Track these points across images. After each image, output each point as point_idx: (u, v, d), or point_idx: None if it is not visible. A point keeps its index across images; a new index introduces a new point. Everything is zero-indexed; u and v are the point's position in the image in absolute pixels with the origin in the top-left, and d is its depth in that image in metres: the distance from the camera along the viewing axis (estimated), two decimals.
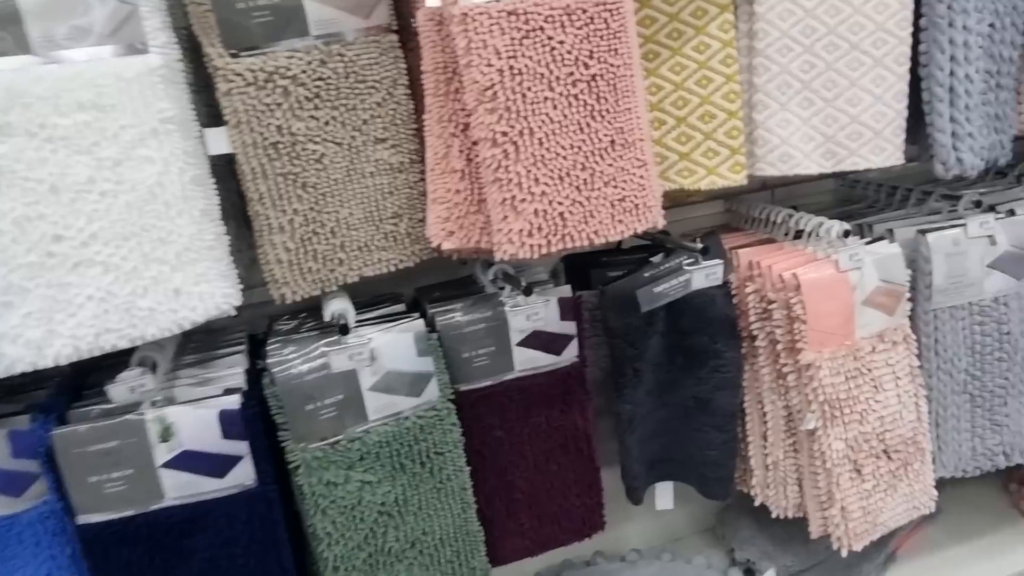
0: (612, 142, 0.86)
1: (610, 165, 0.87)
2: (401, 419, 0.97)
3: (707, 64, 1.06)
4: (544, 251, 0.85)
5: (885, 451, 1.12)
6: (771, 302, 1.11)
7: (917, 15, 1.04)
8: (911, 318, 1.16)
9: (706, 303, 1.14)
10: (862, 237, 1.20)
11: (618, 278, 1.12)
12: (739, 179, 1.08)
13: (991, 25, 1.09)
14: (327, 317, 0.93)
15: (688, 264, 1.05)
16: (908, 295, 1.14)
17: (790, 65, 1.04)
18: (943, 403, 1.18)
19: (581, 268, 1.26)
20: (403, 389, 0.97)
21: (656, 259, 1.12)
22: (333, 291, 0.96)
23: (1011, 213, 1.22)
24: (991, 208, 1.22)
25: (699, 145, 1.08)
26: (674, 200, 1.19)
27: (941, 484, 1.20)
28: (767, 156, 1.06)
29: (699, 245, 1.03)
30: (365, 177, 0.93)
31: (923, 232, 1.14)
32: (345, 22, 0.89)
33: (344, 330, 0.88)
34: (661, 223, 0.92)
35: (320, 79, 0.88)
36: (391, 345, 0.96)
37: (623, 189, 0.87)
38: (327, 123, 0.89)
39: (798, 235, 1.17)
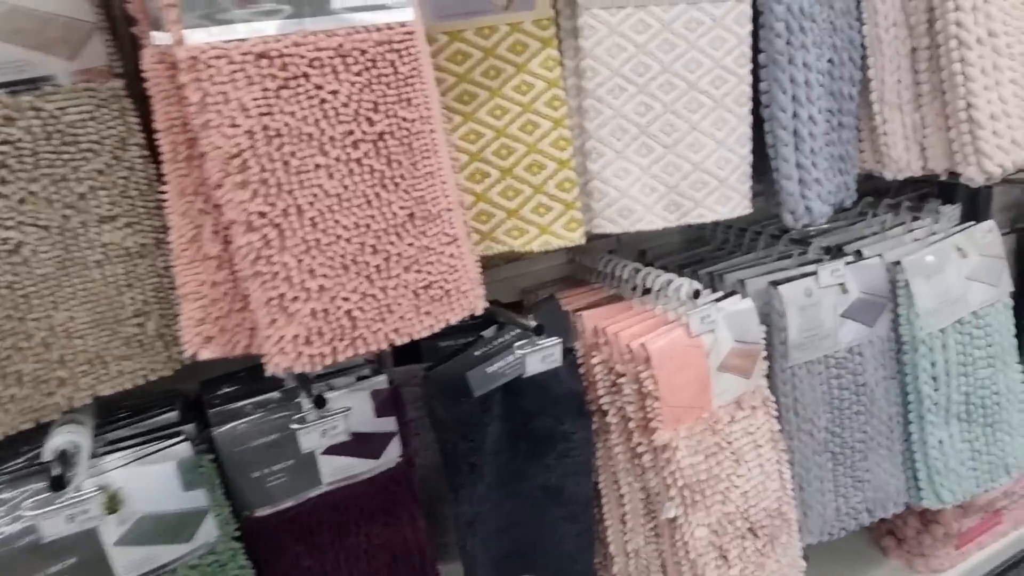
0: (411, 216, 0.69)
1: (410, 245, 0.69)
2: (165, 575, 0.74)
3: (531, 107, 0.90)
4: (329, 360, 0.65)
5: (751, 529, 1.01)
6: (620, 375, 0.97)
7: (756, 51, 0.94)
8: (768, 377, 1.06)
9: (549, 379, 0.98)
10: (713, 290, 1.10)
11: (451, 352, 0.94)
12: (576, 238, 0.94)
13: (830, 61, 1.00)
14: (45, 456, 0.69)
15: (520, 345, 0.89)
16: (764, 353, 1.03)
17: (624, 107, 0.90)
18: (806, 465, 1.09)
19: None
20: (165, 536, 0.74)
21: (488, 333, 0.96)
22: (59, 419, 0.71)
23: (859, 255, 1.16)
24: (839, 250, 1.15)
25: (528, 200, 0.93)
26: (510, 257, 1.03)
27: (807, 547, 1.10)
28: (605, 211, 0.92)
29: (532, 323, 0.87)
30: (89, 268, 0.69)
31: (775, 284, 1.04)
32: (42, 65, 0.66)
33: (58, 483, 0.65)
34: (481, 307, 0.75)
35: (6, 143, 0.64)
36: (143, 483, 0.73)
37: (429, 273, 0.70)
38: (22, 201, 0.65)
39: (647, 291, 1.04)
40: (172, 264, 0.71)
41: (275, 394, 0.86)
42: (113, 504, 0.70)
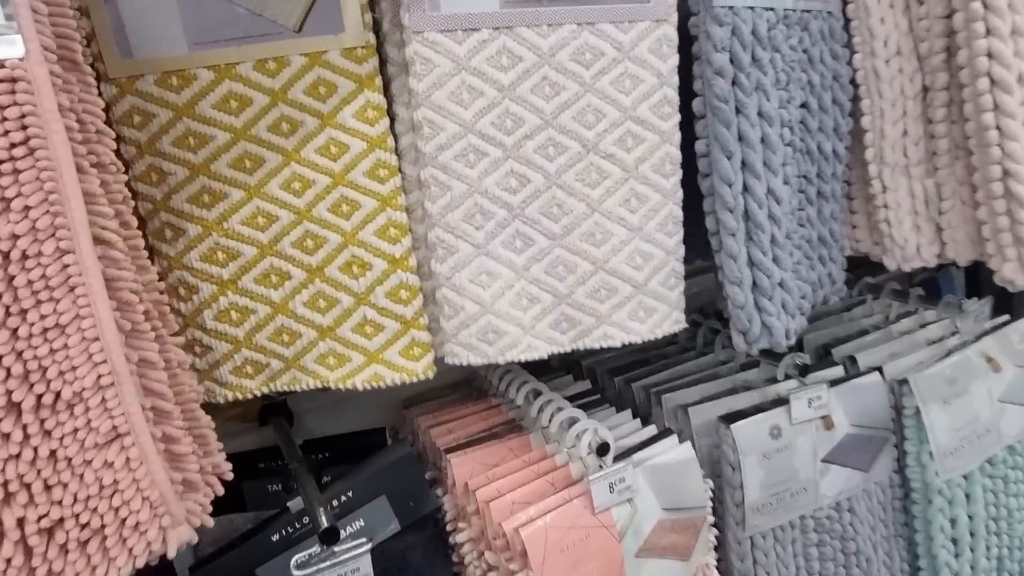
0: (9, 404, 0.38)
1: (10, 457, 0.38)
2: None
3: (346, 178, 0.60)
4: None
5: None
6: (490, 567, 0.66)
7: (688, 95, 0.63)
8: (718, 550, 0.74)
9: (397, 559, 0.67)
10: (648, 415, 0.78)
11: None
12: (420, 369, 0.63)
13: (804, 106, 0.69)
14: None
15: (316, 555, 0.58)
16: (711, 520, 0.72)
17: (484, 181, 0.60)
18: None
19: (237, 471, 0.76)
20: None
21: (294, 504, 0.65)
22: None
23: (851, 366, 0.84)
24: (825, 356, 0.83)
25: (349, 314, 0.62)
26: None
27: None
28: (461, 332, 0.62)
29: (324, 521, 0.56)
30: None
31: (727, 420, 0.73)
32: None
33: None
34: (174, 549, 0.44)
35: None
36: None
37: (51, 506, 0.39)
38: None
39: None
40: None
41: None
42: None
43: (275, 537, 0.63)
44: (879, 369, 0.82)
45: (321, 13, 0.57)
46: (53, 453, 0.39)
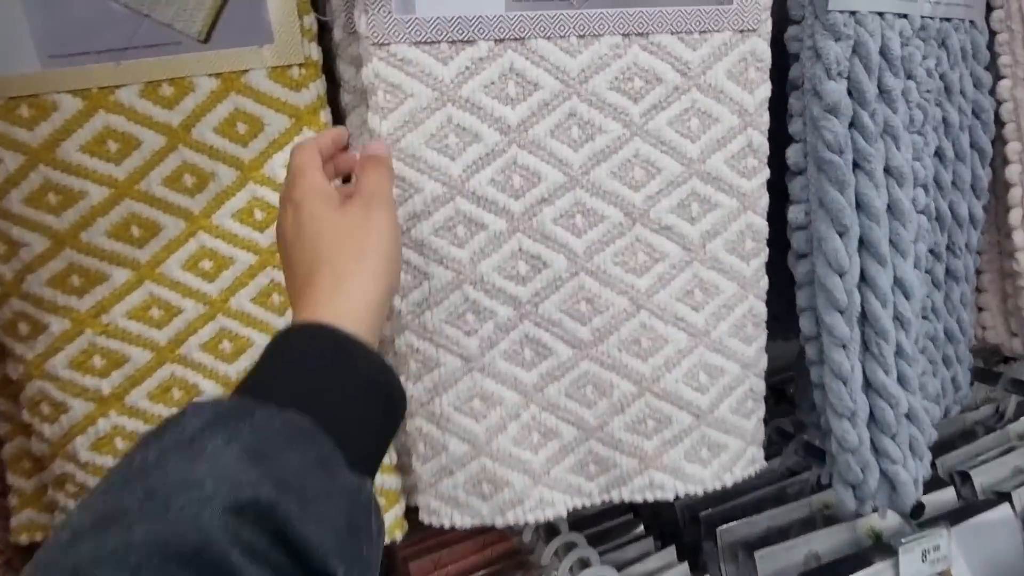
0: None
1: None
2: None
3: (278, 257, 0.41)
4: None
5: None
6: None
7: (780, 140, 0.43)
8: None
9: None
10: (692, 560, 0.58)
11: None
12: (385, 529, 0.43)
13: (936, 153, 0.49)
14: None
15: None
16: None
17: (480, 266, 0.40)
18: None
19: None
20: None
21: None
22: None
23: (963, 480, 0.63)
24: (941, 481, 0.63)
25: None
26: None
27: None
28: (443, 481, 0.43)
29: None
30: None
31: None
32: None
33: None
34: None
35: None
36: None
37: None
38: None
39: None
40: None
41: None
42: None
43: None
44: (1007, 497, 0.62)
45: (238, 14, 0.38)
46: None
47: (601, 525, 0.58)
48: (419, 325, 0.41)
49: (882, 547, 0.56)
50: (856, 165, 0.42)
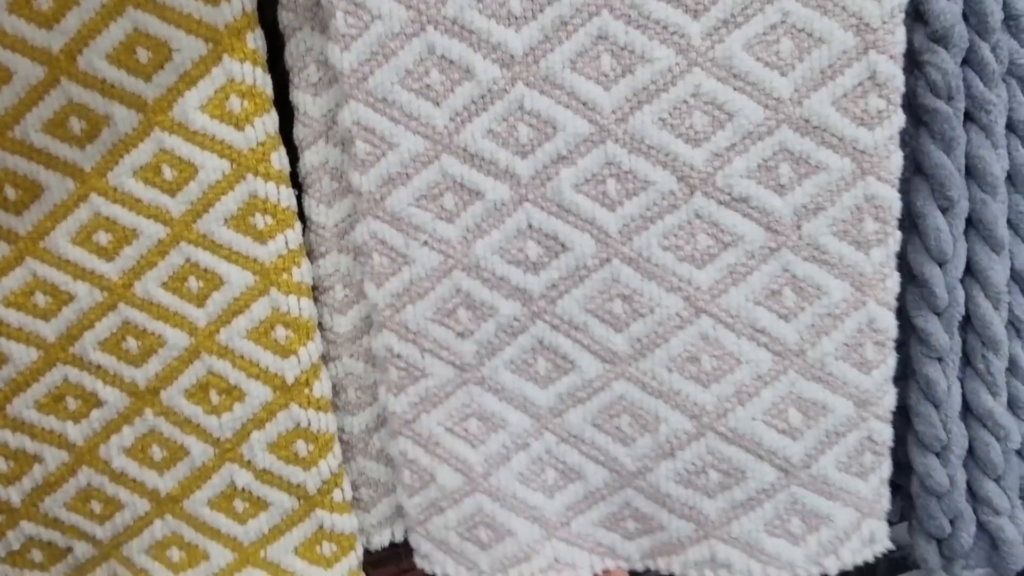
0: None
1: None
2: None
3: (192, 228, 0.31)
4: None
5: None
6: None
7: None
8: None
9: None
10: None
11: None
12: None
13: None
14: None
15: None
16: None
17: (477, 245, 0.30)
18: None
19: None
20: None
21: None
22: None
23: None
24: None
25: (205, 475, 0.33)
26: None
27: None
28: (433, 519, 0.33)
29: None
30: None
31: None
32: None
33: None
34: None
35: None
36: None
37: None
38: None
39: None
40: None
41: None
42: None
43: None
44: None
45: None
46: None
47: None
48: (399, 323, 0.30)
49: None
50: (969, 116, 0.31)
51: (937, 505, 0.34)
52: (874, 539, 0.33)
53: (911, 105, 0.31)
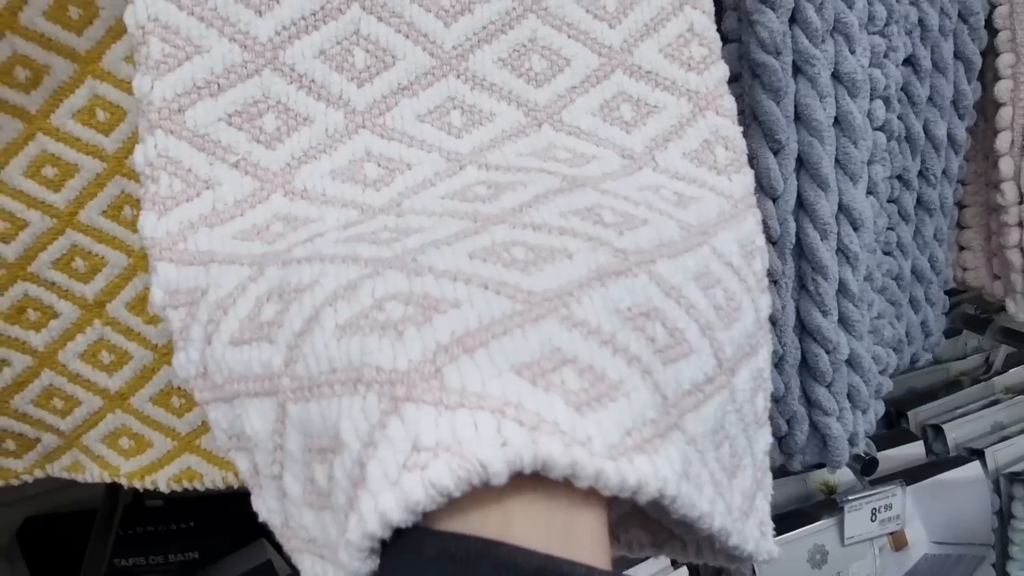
0: None
1: None
2: None
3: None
4: None
5: None
6: None
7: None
8: None
9: None
10: None
11: None
12: None
13: (908, 61, 0.41)
14: None
15: None
16: None
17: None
18: None
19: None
20: None
21: None
22: None
23: (936, 434, 0.57)
24: (892, 425, 0.56)
25: (148, 374, 0.38)
26: None
27: None
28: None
29: None
30: None
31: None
32: None
33: None
34: None
35: None
36: None
37: None
38: None
39: None
40: None
41: None
42: None
43: None
44: (979, 454, 0.55)
45: None
46: None
47: None
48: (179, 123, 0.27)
49: (831, 503, 0.51)
50: (797, 69, 0.35)
51: (775, 408, 0.39)
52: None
53: (748, 59, 0.35)
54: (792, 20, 0.34)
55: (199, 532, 0.49)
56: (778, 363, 0.38)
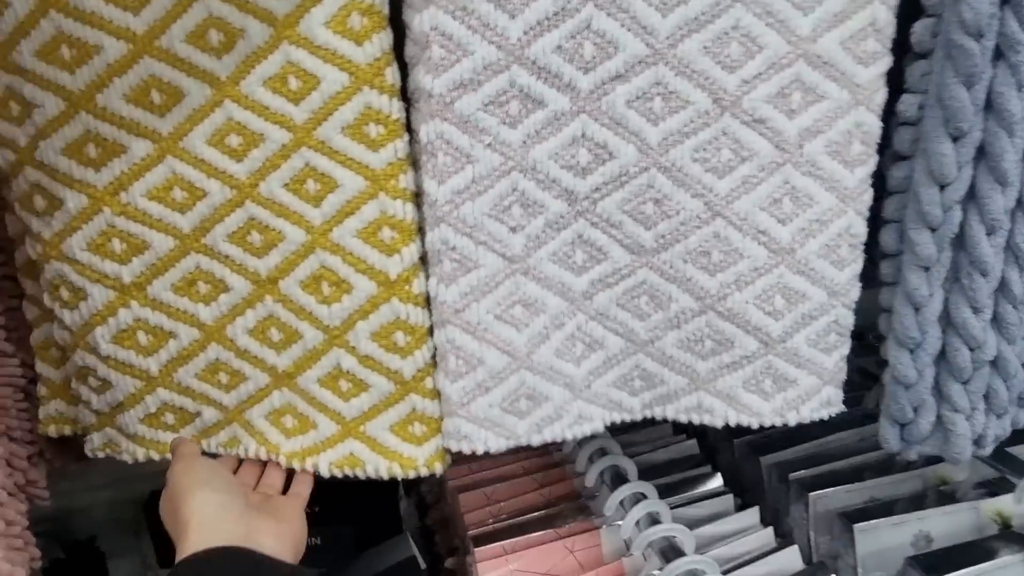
0: None
1: None
2: None
3: (313, 135, 0.34)
4: None
5: None
6: None
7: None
8: None
9: None
10: (776, 525, 0.52)
11: None
12: (423, 460, 0.39)
13: None
14: None
15: None
16: None
17: (534, 150, 0.34)
18: None
19: None
20: None
21: None
22: None
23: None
24: None
25: (316, 356, 0.38)
26: None
27: None
28: (476, 400, 0.38)
29: None
30: None
31: (925, 569, 0.45)
32: None
33: None
34: None
35: None
36: None
37: None
38: None
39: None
40: None
41: None
42: None
43: None
44: None
45: None
46: None
47: (672, 476, 0.51)
48: (457, 218, 0.34)
49: (1010, 535, 0.48)
50: (999, 55, 0.34)
51: (904, 394, 0.38)
52: (830, 402, 0.40)
53: (945, 38, 0.34)
54: (1004, 1, 0.33)
55: (323, 519, 0.48)
56: (913, 349, 0.37)
